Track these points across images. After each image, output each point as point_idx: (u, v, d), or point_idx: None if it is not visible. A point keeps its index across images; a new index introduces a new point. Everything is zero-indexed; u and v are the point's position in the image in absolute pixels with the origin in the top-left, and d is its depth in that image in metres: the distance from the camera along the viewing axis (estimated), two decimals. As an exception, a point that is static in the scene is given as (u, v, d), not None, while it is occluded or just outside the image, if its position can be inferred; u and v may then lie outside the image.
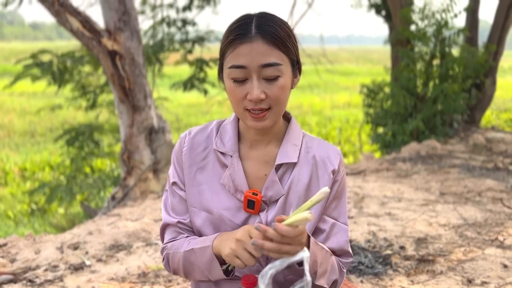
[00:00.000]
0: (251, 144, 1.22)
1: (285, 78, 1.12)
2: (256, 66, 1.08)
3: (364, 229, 3.37)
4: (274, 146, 1.22)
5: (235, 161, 1.20)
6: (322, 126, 14.22)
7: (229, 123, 1.25)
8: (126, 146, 5.02)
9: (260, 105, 1.10)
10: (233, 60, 1.10)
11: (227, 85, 1.14)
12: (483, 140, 7.00)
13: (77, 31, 4.62)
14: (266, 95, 1.10)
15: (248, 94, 1.10)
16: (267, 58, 1.08)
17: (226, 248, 1.07)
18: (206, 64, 7.91)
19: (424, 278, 2.60)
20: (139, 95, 4.88)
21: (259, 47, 1.08)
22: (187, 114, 15.54)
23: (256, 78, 1.09)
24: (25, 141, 12.80)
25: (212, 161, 1.23)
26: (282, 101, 1.13)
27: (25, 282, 2.56)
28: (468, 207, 3.91)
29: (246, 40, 1.09)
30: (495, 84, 8.08)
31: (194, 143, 1.25)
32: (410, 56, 7.00)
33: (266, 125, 1.13)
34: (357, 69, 31.54)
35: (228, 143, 1.22)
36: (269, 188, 1.18)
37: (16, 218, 7.68)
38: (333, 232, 1.24)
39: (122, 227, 3.47)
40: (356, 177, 5.22)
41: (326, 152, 1.24)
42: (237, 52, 1.09)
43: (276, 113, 1.14)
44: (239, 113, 1.15)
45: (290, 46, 1.13)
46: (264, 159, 1.21)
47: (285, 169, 1.20)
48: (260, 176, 1.20)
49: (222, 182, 1.20)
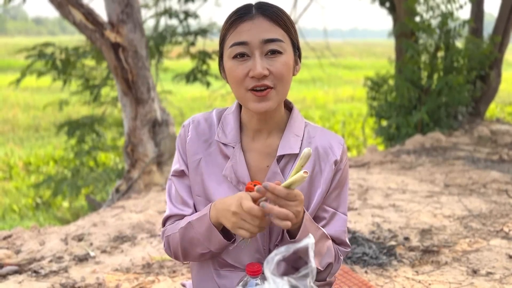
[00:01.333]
0: (253, 135, 1.21)
1: (287, 56, 1.10)
2: (258, 42, 1.07)
3: (368, 221, 3.36)
4: (276, 137, 1.20)
5: (237, 153, 1.18)
6: (326, 120, 14.18)
7: (230, 113, 1.23)
8: (129, 138, 5.02)
9: (263, 81, 1.07)
10: (235, 38, 1.08)
11: (228, 66, 1.11)
12: (488, 132, 6.96)
13: (80, 24, 4.61)
14: (270, 72, 1.08)
15: (251, 71, 1.07)
16: (270, 33, 1.07)
17: (228, 222, 1.06)
18: (209, 56, 7.88)
19: (428, 268, 2.59)
20: (142, 87, 4.87)
21: (261, 24, 1.07)
22: (190, 108, 15.54)
23: (259, 54, 1.07)
24: (29, 136, 12.84)
25: (214, 151, 1.21)
26: (286, 79, 1.11)
27: (30, 273, 2.57)
28: (473, 198, 3.89)
29: (247, 18, 1.08)
30: (500, 76, 8.01)
31: (198, 132, 1.23)
32: (414, 48, 6.96)
33: (269, 106, 1.10)
34: (360, 62, 31.41)
35: (230, 134, 1.20)
36: (271, 180, 1.17)
37: (21, 212, 7.72)
38: (332, 221, 1.23)
39: (127, 219, 3.48)
40: (360, 169, 5.20)
41: (328, 142, 1.22)
42: (239, 30, 1.08)
43: (279, 93, 1.11)
44: (241, 95, 1.12)
45: (291, 27, 1.12)
46: (266, 151, 1.20)
47: (287, 160, 1.18)
48: (262, 167, 1.19)
49: (224, 174, 1.19)
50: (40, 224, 6.63)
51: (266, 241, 1.19)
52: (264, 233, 1.18)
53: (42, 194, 8.17)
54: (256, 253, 1.20)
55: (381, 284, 2.40)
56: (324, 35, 10.56)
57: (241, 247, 1.17)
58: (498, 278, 2.44)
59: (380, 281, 2.44)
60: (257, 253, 1.20)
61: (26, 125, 13.82)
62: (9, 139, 12.30)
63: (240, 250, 1.20)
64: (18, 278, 2.51)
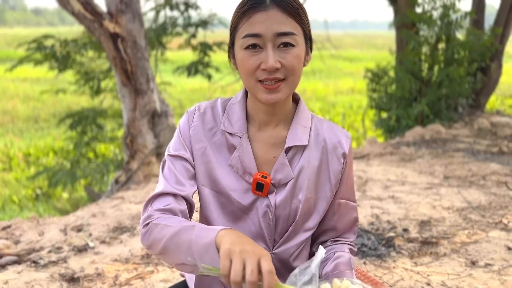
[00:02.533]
0: (260, 125, 1.19)
1: (299, 49, 1.09)
2: (272, 35, 1.06)
3: (367, 212, 3.36)
4: (282, 128, 1.19)
5: (244, 143, 1.17)
6: (326, 112, 14.16)
7: (236, 103, 1.21)
8: (129, 130, 5.01)
9: (275, 74, 1.07)
10: (248, 29, 1.07)
11: (239, 56, 1.10)
12: (488, 125, 6.95)
13: (79, 14, 4.58)
14: (282, 65, 1.07)
15: (263, 64, 1.06)
16: (283, 26, 1.06)
17: (229, 244, 0.89)
18: (210, 48, 7.83)
19: (427, 260, 2.59)
20: (141, 78, 4.85)
21: (274, 15, 1.06)
22: (190, 100, 15.50)
23: (271, 47, 1.06)
24: (28, 127, 12.82)
25: (219, 141, 1.20)
26: (297, 72, 1.10)
27: (29, 263, 2.57)
28: (472, 190, 3.89)
29: (261, 8, 1.06)
30: (501, 68, 7.98)
31: (205, 121, 1.21)
32: (416, 39, 6.92)
33: (279, 97, 1.09)
34: (361, 54, 31.30)
35: (236, 123, 1.18)
36: (279, 171, 1.17)
37: (20, 202, 7.73)
38: (346, 211, 1.28)
39: (126, 210, 3.48)
40: (360, 161, 5.20)
41: (336, 136, 1.22)
42: (252, 21, 1.06)
43: (290, 85, 1.10)
44: (251, 85, 1.11)
45: (304, 18, 1.11)
46: (273, 141, 1.19)
47: (295, 151, 1.18)
48: (269, 158, 1.18)
49: (230, 163, 1.18)
50: (40, 214, 6.64)
51: (271, 231, 1.19)
52: (270, 223, 1.18)
53: (42, 185, 8.18)
54: (261, 242, 1.19)
55: (379, 275, 2.41)
56: (324, 26, 10.50)
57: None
58: (497, 270, 2.44)
59: (378, 272, 2.45)
60: (262, 242, 1.19)
61: (25, 116, 13.80)
62: (8, 130, 12.29)
63: None
64: (17, 268, 2.51)
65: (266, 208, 1.17)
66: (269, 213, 1.17)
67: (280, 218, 1.18)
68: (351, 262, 1.22)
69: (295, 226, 1.19)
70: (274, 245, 1.20)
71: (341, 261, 1.20)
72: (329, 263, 1.20)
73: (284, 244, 1.20)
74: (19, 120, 13.46)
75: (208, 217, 1.21)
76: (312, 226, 1.22)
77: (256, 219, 1.18)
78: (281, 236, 1.19)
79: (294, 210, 1.17)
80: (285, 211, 1.17)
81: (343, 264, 1.19)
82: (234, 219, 1.19)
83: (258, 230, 1.18)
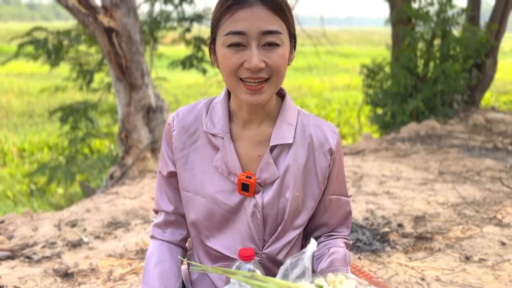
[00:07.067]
0: (244, 123, 1.16)
1: (284, 48, 1.05)
2: (256, 33, 1.01)
3: (362, 207, 3.36)
4: (267, 126, 1.16)
5: (227, 143, 1.14)
6: (321, 108, 14.16)
7: (218, 102, 1.18)
8: (123, 125, 4.98)
9: (259, 74, 1.03)
10: (231, 26, 1.02)
11: (221, 53, 1.06)
12: (483, 121, 6.98)
13: (73, 8, 4.54)
14: (266, 64, 1.03)
15: (246, 63, 1.02)
16: (269, 24, 1.02)
17: None
18: (204, 43, 7.80)
19: (422, 255, 2.60)
20: (136, 73, 4.82)
21: (260, 13, 1.01)
22: (185, 95, 15.45)
23: (256, 46, 1.02)
24: (23, 122, 12.75)
25: (203, 143, 1.17)
26: (282, 72, 1.06)
27: (22, 258, 2.56)
28: (467, 186, 3.90)
29: (245, 5, 1.01)
30: (496, 64, 8.00)
31: (184, 126, 1.19)
32: (412, 35, 6.92)
33: (262, 99, 1.06)
34: (357, 50, 31.28)
35: (218, 124, 1.16)
36: (264, 170, 1.14)
37: (15, 198, 7.70)
38: (338, 206, 1.26)
39: (120, 205, 3.47)
40: (355, 156, 5.20)
41: (322, 132, 1.19)
42: (235, 17, 1.02)
43: (274, 85, 1.07)
44: (232, 85, 1.07)
45: (289, 16, 1.07)
46: (258, 140, 1.16)
47: (280, 149, 1.15)
48: (253, 157, 1.16)
49: (214, 165, 1.15)
50: (34, 210, 6.61)
51: (261, 231, 1.17)
52: (258, 223, 1.16)
53: (37, 181, 8.14)
54: (250, 243, 1.18)
55: (374, 270, 2.41)
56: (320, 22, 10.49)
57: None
58: (491, 265, 2.45)
59: (373, 267, 2.45)
60: (252, 243, 1.18)
61: (20, 111, 13.71)
62: (3, 125, 12.21)
63: (232, 239, 1.18)
64: (10, 263, 2.49)
65: (254, 208, 1.14)
66: (257, 213, 1.15)
67: (269, 218, 1.16)
68: (347, 258, 1.20)
69: (284, 225, 1.17)
70: (264, 245, 1.18)
71: (336, 257, 1.18)
72: (324, 260, 1.19)
73: (274, 244, 1.18)
74: (13, 115, 13.38)
75: (195, 223, 1.20)
76: (301, 224, 1.20)
77: (245, 219, 1.16)
78: (270, 235, 1.18)
79: (282, 209, 1.15)
80: (273, 210, 1.15)
81: (338, 260, 1.18)
82: (223, 221, 1.17)
83: (247, 230, 1.17)
